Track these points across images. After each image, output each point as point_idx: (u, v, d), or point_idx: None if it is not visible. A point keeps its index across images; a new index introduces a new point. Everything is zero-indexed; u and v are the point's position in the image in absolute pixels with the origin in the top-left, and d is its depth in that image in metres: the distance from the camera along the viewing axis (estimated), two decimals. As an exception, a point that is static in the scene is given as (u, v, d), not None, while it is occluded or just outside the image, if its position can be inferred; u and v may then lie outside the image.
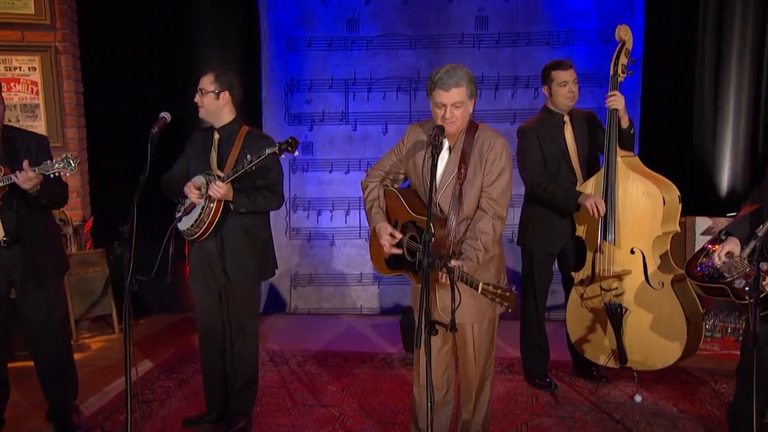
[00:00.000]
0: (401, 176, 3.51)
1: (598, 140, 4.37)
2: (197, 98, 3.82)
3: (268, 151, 3.50)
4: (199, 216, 3.73)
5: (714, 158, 5.98)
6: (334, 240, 6.44)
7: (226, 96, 3.81)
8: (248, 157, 3.57)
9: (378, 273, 6.23)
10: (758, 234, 3.17)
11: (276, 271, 4.10)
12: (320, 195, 6.41)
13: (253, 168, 3.57)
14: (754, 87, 5.87)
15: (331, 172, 6.40)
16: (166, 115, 3.61)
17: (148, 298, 6.38)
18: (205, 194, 3.69)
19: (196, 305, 4.00)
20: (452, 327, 2.99)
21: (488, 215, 3.23)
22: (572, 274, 4.34)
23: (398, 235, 3.30)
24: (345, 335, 5.78)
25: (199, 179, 3.76)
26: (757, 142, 5.92)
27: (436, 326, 2.96)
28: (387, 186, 3.50)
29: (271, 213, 4.05)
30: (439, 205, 3.27)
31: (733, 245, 3.42)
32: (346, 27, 6.29)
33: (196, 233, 3.77)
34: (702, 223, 5.26)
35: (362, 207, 6.27)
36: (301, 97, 6.36)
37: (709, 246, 3.68)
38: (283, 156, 3.60)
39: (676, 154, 6.02)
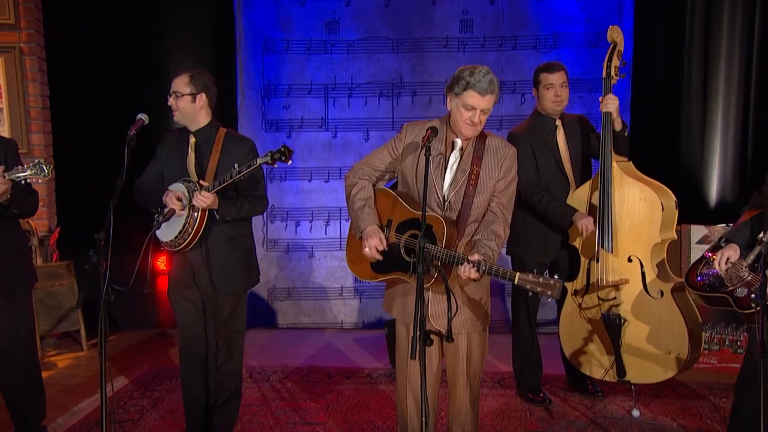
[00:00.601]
0: (390, 175, 3.45)
1: (591, 145, 4.37)
2: (171, 101, 3.72)
3: (260, 160, 3.43)
4: (183, 227, 3.65)
5: (702, 167, 6.02)
6: (314, 252, 6.37)
7: (203, 98, 3.73)
8: (236, 166, 3.50)
9: (363, 281, 6.30)
10: (763, 240, 3.17)
11: (260, 277, 4.05)
12: (299, 205, 6.34)
13: (242, 178, 3.51)
14: (743, 94, 5.94)
15: (310, 180, 6.33)
16: (143, 116, 3.53)
17: (117, 314, 6.25)
18: (188, 204, 3.61)
19: (179, 318, 3.90)
20: (448, 337, 2.96)
21: (500, 219, 3.27)
22: (566, 284, 4.31)
23: (386, 245, 3.24)
24: (327, 350, 5.70)
25: (179, 188, 3.68)
26: (746, 150, 5.97)
27: (432, 336, 2.91)
28: (374, 184, 3.44)
29: (249, 223, 4.00)
30: (450, 203, 3.24)
31: (731, 252, 3.42)
32: (326, 30, 6.24)
33: (181, 245, 3.69)
34: (697, 231, 5.28)
35: (343, 217, 6.39)
36: (278, 103, 6.30)
37: (709, 254, 3.67)
38: (276, 165, 3.53)
39: (663, 162, 6.06)
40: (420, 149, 3.25)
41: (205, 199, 3.55)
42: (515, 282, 3.00)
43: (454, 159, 3.27)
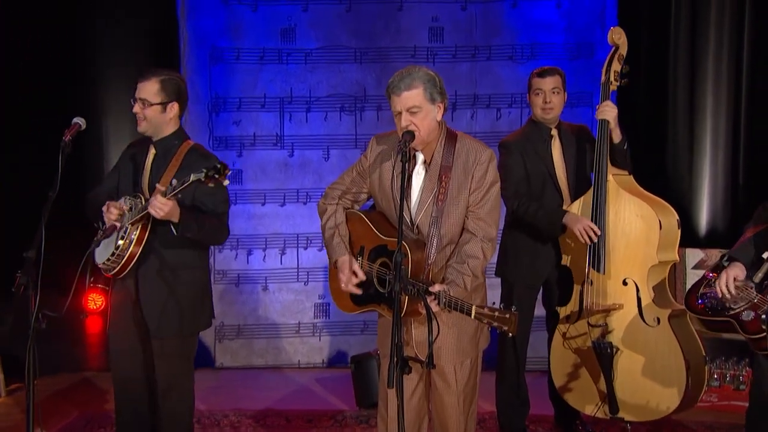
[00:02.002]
0: (363, 195, 3.47)
1: (589, 158, 4.38)
2: (137, 109, 3.63)
3: (193, 177, 3.27)
4: (117, 247, 3.53)
5: (691, 193, 6.07)
6: (268, 284, 6.27)
7: (174, 108, 3.66)
8: (173, 182, 3.40)
9: (324, 317, 6.23)
10: (771, 258, 3.20)
11: (212, 320, 3.94)
12: (251, 231, 6.25)
13: (178, 195, 3.39)
14: (732, 113, 6.01)
15: (263, 204, 6.26)
16: (80, 120, 3.48)
17: (39, 355, 6.03)
18: (128, 221, 3.51)
19: (112, 359, 3.81)
20: (429, 363, 2.94)
21: (477, 237, 3.21)
22: (557, 309, 4.30)
23: (361, 275, 3.24)
24: (285, 391, 5.59)
25: (124, 202, 3.60)
26: (738, 175, 6.04)
27: (410, 363, 2.87)
28: (348, 207, 3.44)
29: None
30: (417, 227, 3.22)
31: (737, 270, 3.44)
32: (281, 38, 6.22)
33: (114, 268, 3.59)
34: (693, 255, 5.33)
35: (301, 245, 6.33)
36: (228, 118, 6.23)
37: (711, 275, 3.69)
38: (211, 185, 3.32)
39: (650, 187, 6.09)
40: (393, 157, 3.25)
41: (162, 206, 3.36)
42: (472, 316, 2.98)
43: (417, 175, 3.26)
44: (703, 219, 6.11)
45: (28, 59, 5.99)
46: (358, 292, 3.25)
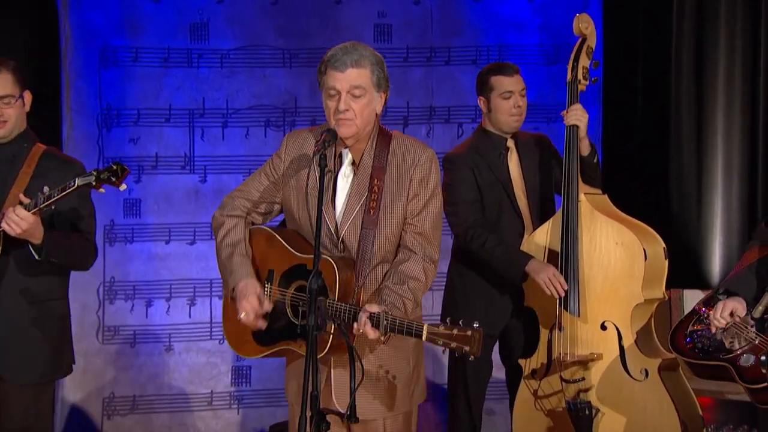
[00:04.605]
0: (276, 207, 3.50)
1: (554, 174, 4.48)
2: None
3: (79, 181, 3.36)
4: None
5: (700, 231, 6.18)
6: (172, 343, 6.25)
7: (29, 96, 3.77)
8: (45, 189, 3.44)
9: (243, 385, 6.20)
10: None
11: (73, 366, 3.98)
12: (151, 277, 6.24)
13: (52, 207, 3.44)
14: (749, 133, 6.13)
15: (167, 242, 6.26)
16: None
17: None
18: None
19: None
20: (351, 415, 2.95)
21: (417, 255, 3.27)
22: (520, 362, 4.36)
23: (268, 306, 3.26)
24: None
25: None
26: (756, 208, 6.15)
27: (327, 417, 2.90)
28: (257, 223, 3.48)
29: (76, 304, 4.05)
30: (342, 242, 3.26)
31: (736, 303, 3.50)
32: (191, 35, 6.27)
33: None
34: (692, 297, 5.42)
35: (215, 293, 6.31)
36: (122, 134, 6.25)
37: (703, 309, 3.77)
38: (103, 191, 3.45)
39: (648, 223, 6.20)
40: (311, 162, 3.27)
41: (21, 221, 3.40)
42: (424, 338, 3.01)
43: (344, 178, 3.33)
44: (716, 262, 6.21)
45: None
46: (262, 325, 3.24)
